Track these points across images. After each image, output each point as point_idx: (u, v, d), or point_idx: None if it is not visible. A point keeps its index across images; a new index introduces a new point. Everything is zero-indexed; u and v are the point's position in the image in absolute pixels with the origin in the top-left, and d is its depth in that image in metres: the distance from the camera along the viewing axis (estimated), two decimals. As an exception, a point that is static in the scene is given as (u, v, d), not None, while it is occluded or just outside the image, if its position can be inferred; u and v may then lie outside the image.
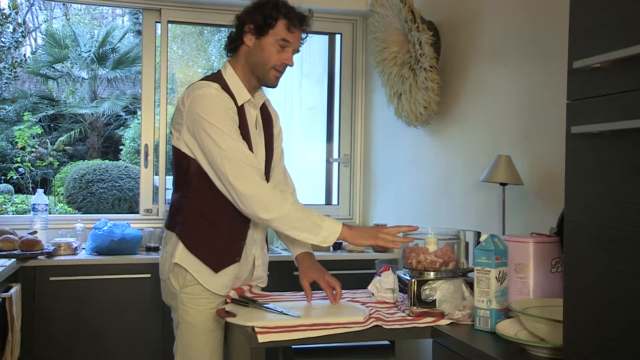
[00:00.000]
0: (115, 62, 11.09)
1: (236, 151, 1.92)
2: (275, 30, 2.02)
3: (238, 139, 1.95)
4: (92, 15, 12.99)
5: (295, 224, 1.93)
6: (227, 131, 1.93)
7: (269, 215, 1.91)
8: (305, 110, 4.83)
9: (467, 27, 2.77)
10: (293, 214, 1.92)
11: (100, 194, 8.17)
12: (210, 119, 1.93)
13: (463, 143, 2.80)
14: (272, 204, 1.91)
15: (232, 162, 1.91)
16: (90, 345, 3.00)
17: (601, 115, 1.10)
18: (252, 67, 2.06)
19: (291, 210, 1.92)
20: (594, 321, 1.11)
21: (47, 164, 9.84)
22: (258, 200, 1.90)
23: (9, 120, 10.50)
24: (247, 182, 1.91)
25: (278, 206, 1.92)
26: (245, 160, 1.92)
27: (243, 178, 1.91)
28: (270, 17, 2.00)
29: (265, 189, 1.93)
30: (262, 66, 2.04)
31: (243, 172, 1.91)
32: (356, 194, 3.98)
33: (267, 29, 2.01)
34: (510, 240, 1.75)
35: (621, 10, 1.07)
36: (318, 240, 1.94)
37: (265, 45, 2.02)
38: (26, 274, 2.89)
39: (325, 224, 1.94)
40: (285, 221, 1.93)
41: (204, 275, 2.01)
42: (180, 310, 2.05)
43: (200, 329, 2.02)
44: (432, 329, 1.75)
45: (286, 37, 2.02)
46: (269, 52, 2.03)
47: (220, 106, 1.97)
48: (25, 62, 10.57)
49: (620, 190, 1.06)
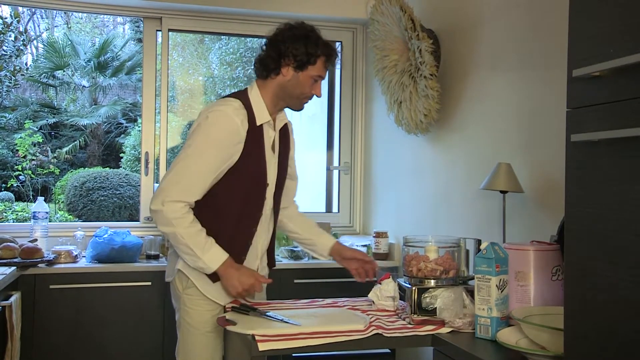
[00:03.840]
0: (116, 69, 11.12)
1: (189, 175, 2.00)
2: (315, 67, 2.09)
3: (205, 168, 2.01)
4: (93, 23, 13.03)
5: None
6: (204, 156, 2.00)
7: (164, 229, 2.02)
8: (305, 118, 4.83)
9: (467, 35, 2.78)
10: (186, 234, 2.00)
11: (101, 201, 8.17)
12: (203, 137, 2.02)
13: (463, 151, 2.80)
14: (174, 220, 2.00)
15: (177, 176, 2.00)
16: (90, 353, 2.99)
17: (601, 123, 1.10)
18: (284, 95, 2.13)
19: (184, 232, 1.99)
20: (595, 329, 1.11)
21: (47, 171, 9.84)
22: (162, 215, 2.02)
23: (10, 128, 10.51)
24: (166, 200, 2.00)
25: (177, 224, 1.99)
26: (185, 187, 2.00)
27: (169, 195, 2.00)
28: (313, 55, 2.08)
29: (175, 212, 2.00)
30: (296, 97, 2.13)
31: (174, 190, 2.00)
32: (356, 201, 3.98)
33: (308, 65, 2.08)
34: (511, 248, 1.75)
35: (621, 18, 1.07)
36: (200, 262, 1.99)
37: (303, 79, 2.10)
38: (26, 282, 2.89)
39: (209, 253, 1.99)
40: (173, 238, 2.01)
41: (205, 284, 2.07)
42: (182, 312, 2.11)
43: (201, 330, 2.08)
44: (433, 337, 1.75)
45: (322, 74, 2.12)
46: (305, 85, 2.11)
47: (223, 129, 2.02)
48: (26, 70, 10.61)
49: (621, 198, 1.06)
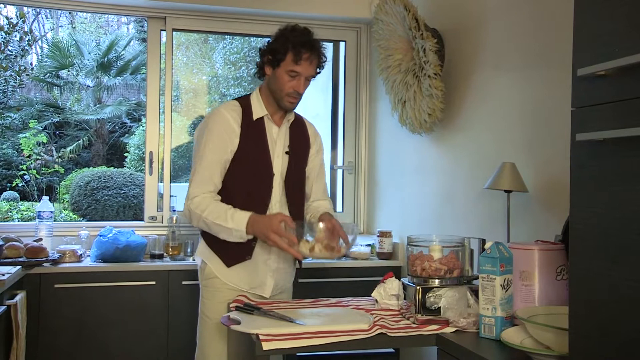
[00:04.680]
0: (120, 69, 11.14)
1: (200, 170, 2.24)
2: (285, 63, 2.23)
3: (209, 159, 2.25)
4: (97, 23, 13.06)
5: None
6: (206, 150, 2.24)
7: (196, 225, 2.26)
8: (309, 118, 4.82)
9: (471, 34, 2.77)
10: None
11: (105, 201, 8.19)
12: (202, 137, 2.27)
13: (467, 150, 2.79)
14: (197, 211, 2.22)
15: (192, 176, 2.27)
16: (94, 352, 3.00)
17: (606, 122, 1.10)
18: (271, 93, 2.31)
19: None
20: (600, 329, 1.11)
21: (52, 171, 9.87)
22: (189, 213, 2.25)
23: (15, 127, 10.54)
24: (188, 200, 2.26)
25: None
26: (199, 180, 2.24)
27: (189, 195, 2.26)
28: (279, 52, 2.23)
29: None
30: (277, 93, 2.28)
31: (192, 188, 2.25)
32: (360, 201, 3.98)
33: (280, 61, 2.23)
34: (515, 247, 1.74)
35: (625, 17, 1.07)
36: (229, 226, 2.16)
37: (279, 75, 2.26)
38: (31, 281, 2.90)
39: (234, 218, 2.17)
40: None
41: (221, 268, 2.28)
42: (200, 303, 2.33)
43: (215, 322, 2.23)
44: (437, 336, 1.74)
45: (294, 68, 2.22)
46: (282, 81, 2.25)
47: (216, 123, 2.27)
48: (31, 70, 10.64)
49: (626, 198, 1.06)
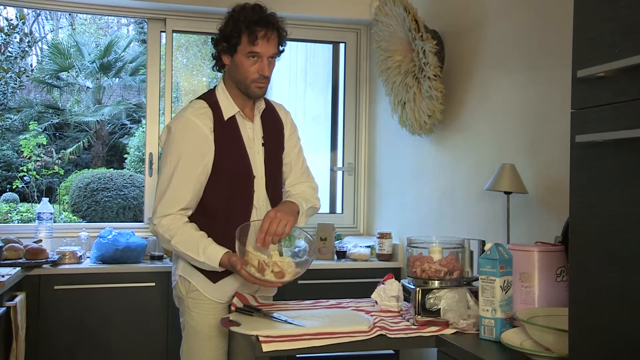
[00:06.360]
0: (119, 70, 11.14)
1: (171, 189, 2.09)
2: (242, 46, 2.02)
3: (182, 177, 2.06)
4: (97, 25, 13.06)
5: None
6: (178, 166, 2.05)
7: (164, 246, 2.14)
8: (309, 119, 4.84)
9: (470, 35, 2.78)
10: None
11: (105, 202, 8.19)
12: (169, 149, 2.07)
13: (467, 151, 2.79)
14: (166, 234, 2.05)
15: (160, 192, 2.12)
16: (94, 353, 3.00)
17: (606, 124, 1.10)
18: (235, 83, 2.10)
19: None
20: (600, 331, 1.11)
21: (52, 172, 9.86)
22: (157, 234, 2.09)
23: (15, 129, 10.54)
24: (155, 219, 2.09)
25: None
26: (168, 200, 2.09)
27: (156, 213, 2.10)
28: (232, 36, 2.02)
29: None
30: (242, 82, 2.07)
31: (159, 207, 2.10)
32: (360, 202, 3.98)
33: (235, 47, 2.03)
34: (515, 249, 1.74)
35: (625, 19, 1.07)
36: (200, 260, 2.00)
37: (239, 62, 2.04)
38: (31, 282, 2.89)
39: (207, 251, 2.00)
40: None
41: (205, 285, 2.09)
42: (185, 315, 2.12)
43: (205, 333, 2.08)
44: (437, 338, 1.74)
45: (252, 49, 2.02)
46: (244, 67, 2.04)
47: (184, 134, 2.04)
48: (31, 72, 10.64)
49: (625, 199, 1.05)
